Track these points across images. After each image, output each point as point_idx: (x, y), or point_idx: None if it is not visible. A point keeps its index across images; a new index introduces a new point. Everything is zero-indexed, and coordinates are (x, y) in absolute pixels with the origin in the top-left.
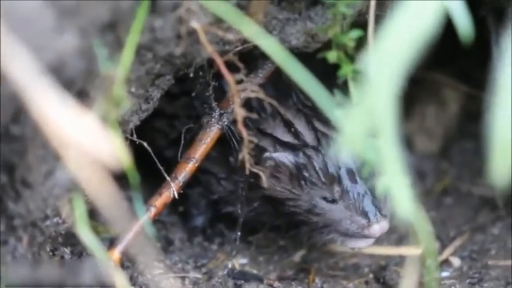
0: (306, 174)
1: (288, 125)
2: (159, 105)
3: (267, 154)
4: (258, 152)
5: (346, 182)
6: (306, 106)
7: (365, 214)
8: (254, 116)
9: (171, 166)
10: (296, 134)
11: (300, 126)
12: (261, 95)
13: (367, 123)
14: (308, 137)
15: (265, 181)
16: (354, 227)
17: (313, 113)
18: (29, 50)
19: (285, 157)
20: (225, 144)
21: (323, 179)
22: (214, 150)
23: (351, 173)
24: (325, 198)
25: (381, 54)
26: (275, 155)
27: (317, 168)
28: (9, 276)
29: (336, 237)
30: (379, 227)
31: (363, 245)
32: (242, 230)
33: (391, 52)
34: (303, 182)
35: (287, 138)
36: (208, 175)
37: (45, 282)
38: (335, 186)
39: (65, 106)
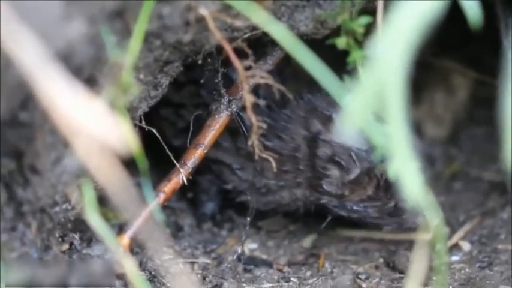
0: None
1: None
2: (166, 94)
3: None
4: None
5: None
6: None
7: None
8: (261, 103)
9: (179, 155)
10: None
11: None
12: (270, 81)
13: (374, 106)
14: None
15: (274, 167)
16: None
17: None
18: (38, 37)
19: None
20: (238, 134)
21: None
22: (227, 140)
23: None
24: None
25: (389, 39)
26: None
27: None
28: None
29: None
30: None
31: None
32: (254, 216)
33: (399, 37)
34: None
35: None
36: (220, 165)
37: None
38: (391, 201)
39: (74, 93)
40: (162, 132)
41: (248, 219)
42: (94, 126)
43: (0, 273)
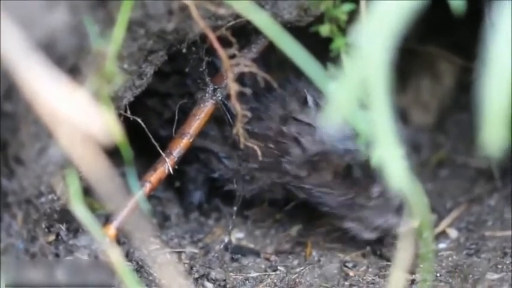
0: (352, 174)
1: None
2: (151, 84)
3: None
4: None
5: (384, 181)
6: None
7: (399, 213)
8: (247, 91)
9: (166, 145)
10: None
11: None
12: (254, 69)
13: (358, 93)
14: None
15: (259, 155)
16: (387, 224)
17: None
18: (20, 27)
19: (335, 154)
20: (225, 122)
21: (365, 180)
22: (214, 129)
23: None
24: (363, 196)
25: (373, 26)
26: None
27: (361, 169)
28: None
29: (354, 227)
30: (409, 226)
31: (374, 237)
32: (241, 205)
33: (383, 24)
34: (347, 181)
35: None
36: (207, 153)
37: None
38: (375, 186)
39: (57, 83)
40: (148, 123)
41: (235, 208)
42: (77, 116)
43: (0, 273)
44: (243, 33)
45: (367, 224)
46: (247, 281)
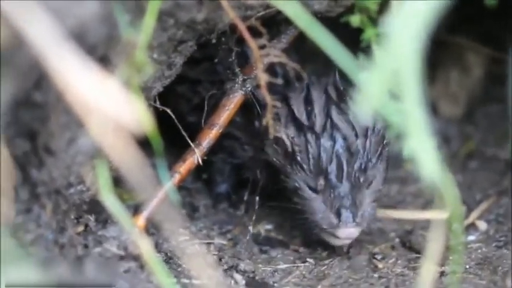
0: (298, 157)
1: (309, 102)
2: (181, 70)
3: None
4: (276, 118)
5: (333, 177)
6: (337, 90)
7: (338, 215)
8: (278, 81)
9: (194, 131)
10: (310, 114)
11: (318, 107)
12: (284, 59)
13: (389, 84)
14: (318, 121)
15: (289, 145)
16: (325, 222)
17: (337, 100)
18: (51, 17)
19: (286, 134)
20: (250, 109)
21: (311, 168)
22: (239, 115)
23: (340, 170)
24: (308, 186)
25: (404, 17)
26: (278, 128)
27: (310, 155)
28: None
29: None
30: (346, 232)
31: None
32: (266, 196)
33: (414, 14)
34: (293, 163)
35: (301, 114)
36: (232, 140)
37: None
38: (320, 178)
39: (88, 72)
40: (177, 109)
41: (257, 198)
42: (108, 105)
43: (0, 273)
44: (273, 23)
45: (311, 218)
46: (276, 273)
